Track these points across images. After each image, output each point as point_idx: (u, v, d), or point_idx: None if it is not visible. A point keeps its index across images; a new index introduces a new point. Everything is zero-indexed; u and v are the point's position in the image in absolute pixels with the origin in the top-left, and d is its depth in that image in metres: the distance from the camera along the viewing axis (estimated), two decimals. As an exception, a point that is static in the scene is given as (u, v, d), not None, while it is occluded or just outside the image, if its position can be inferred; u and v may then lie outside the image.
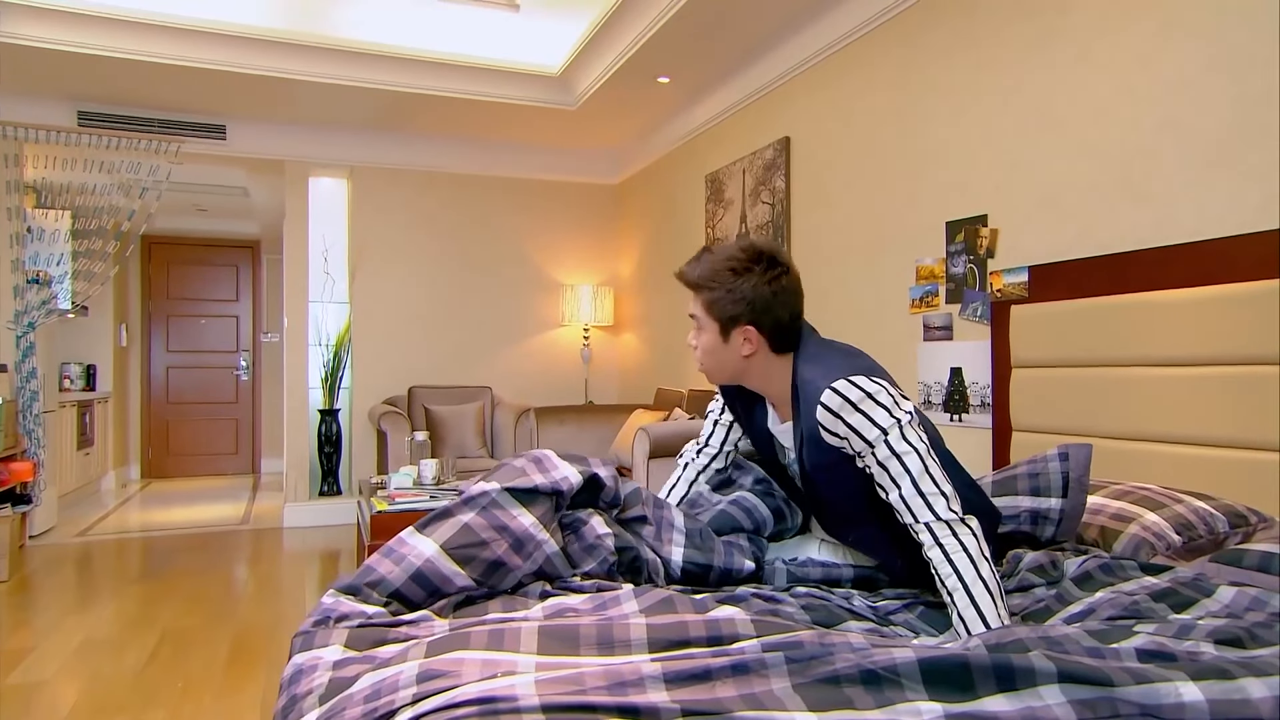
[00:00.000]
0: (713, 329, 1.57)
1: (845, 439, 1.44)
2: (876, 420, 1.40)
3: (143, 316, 7.83)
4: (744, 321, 1.53)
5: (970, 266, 2.89)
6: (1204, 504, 1.86)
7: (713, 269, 1.55)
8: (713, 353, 1.59)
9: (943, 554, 1.36)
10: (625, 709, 0.91)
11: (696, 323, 1.60)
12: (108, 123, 4.88)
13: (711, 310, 1.56)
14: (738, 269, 1.53)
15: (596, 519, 1.52)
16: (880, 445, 1.40)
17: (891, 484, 1.41)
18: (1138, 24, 2.35)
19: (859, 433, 1.42)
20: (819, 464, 1.52)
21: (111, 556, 4.52)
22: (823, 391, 1.44)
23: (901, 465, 1.39)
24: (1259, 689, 0.94)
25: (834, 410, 1.42)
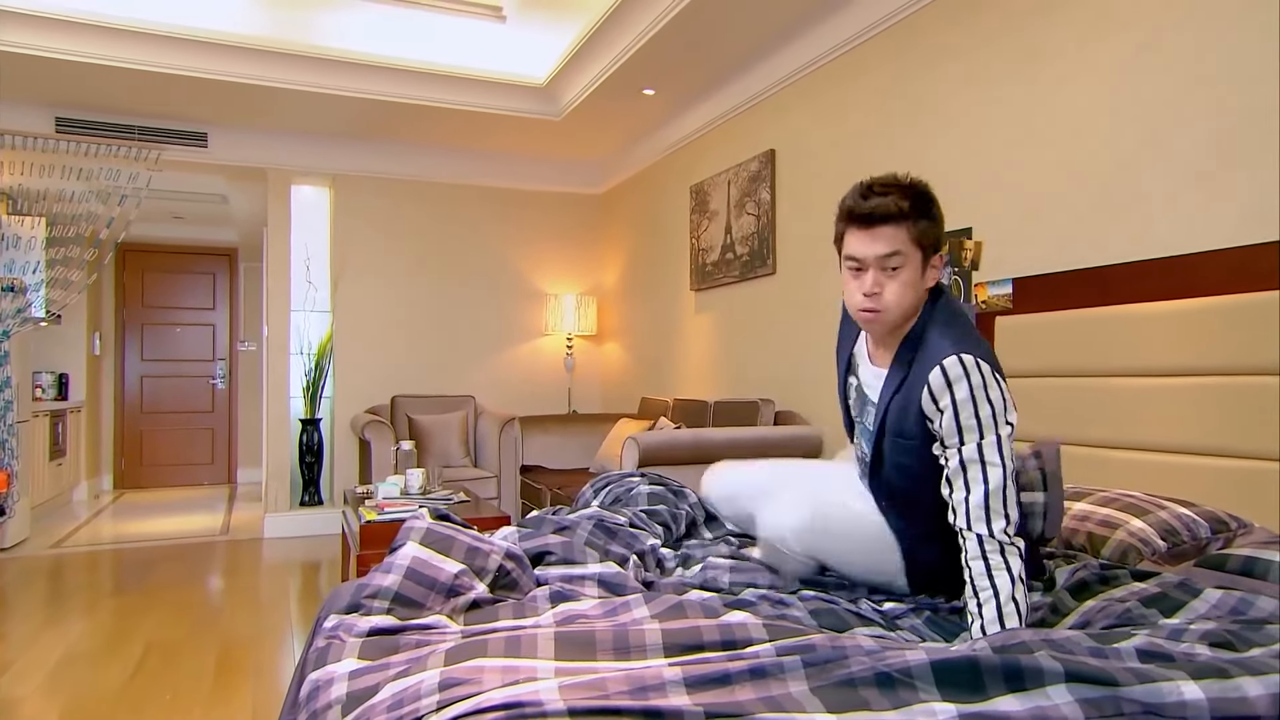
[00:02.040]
0: (916, 261, 1.45)
1: (942, 412, 1.39)
2: (981, 415, 1.36)
3: (116, 325, 7.71)
4: (940, 249, 1.48)
5: (955, 278, 2.95)
6: (1186, 510, 1.92)
7: (913, 196, 1.45)
8: (912, 288, 1.45)
9: (985, 567, 1.34)
10: (650, 712, 0.93)
11: (890, 261, 1.44)
12: (86, 129, 4.82)
13: (924, 239, 1.45)
14: (930, 195, 1.47)
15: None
16: (972, 441, 1.36)
17: (963, 485, 1.37)
18: (1118, 43, 2.42)
19: (959, 416, 1.37)
20: (904, 424, 1.47)
21: (88, 568, 4.44)
22: (949, 355, 1.38)
23: (983, 473, 1.36)
24: (1255, 687, 0.98)
25: (950, 379, 1.37)
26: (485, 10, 4.05)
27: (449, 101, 4.78)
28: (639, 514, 1.87)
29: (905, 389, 1.47)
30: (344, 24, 4.17)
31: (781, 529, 1.44)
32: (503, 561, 1.45)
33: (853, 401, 1.68)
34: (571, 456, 5.13)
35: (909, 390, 1.46)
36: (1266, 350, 1.95)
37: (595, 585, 1.48)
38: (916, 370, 1.45)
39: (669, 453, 3.42)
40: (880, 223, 1.44)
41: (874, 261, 1.46)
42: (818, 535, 1.45)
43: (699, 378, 4.87)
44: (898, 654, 1.03)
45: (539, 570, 1.55)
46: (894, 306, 1.46)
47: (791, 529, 1.43)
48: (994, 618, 1.32)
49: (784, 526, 1.44)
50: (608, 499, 2.11)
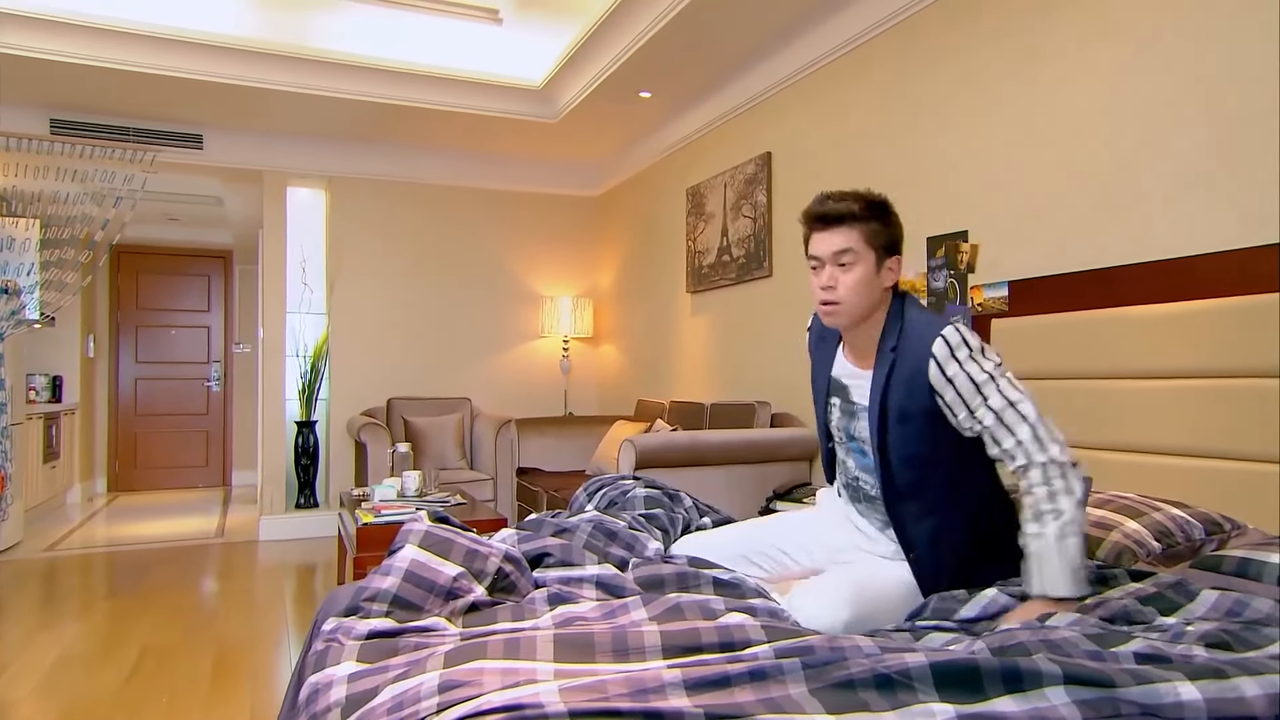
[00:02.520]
0: (869, 260, 1.60)
1: (951, 380, 1.52)
2: (987, 369, 1.51)
3: (111, 327, 7.69)
4: (895, 252, 1.63)
5: (951, 281, 2.96)
6: (1180, 512, 1.92)
7: (866, 202, 1.61)
8: (866, 284, 1.60)
9: (1048, 491, 1.46)
10: (650, 714, 0.93)
11: (845, 258, 1.60)
12: (81, 131, 4.81)
13: (874, 240, 1.60)
14: (885, 203, 1.63)
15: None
16: (993, 393, 1.49)
17: (1007, 432, 1.49)
18: (1117, 46, 2.43)
19: (973, 377, 1.51)
20: (902, 413, 1.57)
21: (82, 571, 4.43)
22: (942, 327, 1.53)
23: (1017, 412, 1.49)
24: (1252, 688, 0.99)
25: (952, 347, 1.51)
26: (481, 12, 4.06)
27: (445, 104, 4.79)
28: (638, 517, 1.87)
29: (898, 371, 1.59)
30: (340, 26, 4.17)
31: (834, 623, 1.44)
32: (501, 564, 1.45)
33: (836, 423, 1.77)
34: (568, 459, 5.13)
35: (905, 370, 1.57)
36: (1265, 353, 1.96)
37: (593, 587, 1.48)
38: (905, 350, 1.58)
39: (666, 455, 3.43)
40: (835, 223, 1.61)
41: (829, 258, 1.62)
42: (864, 619, 1.48)
43: (695, 380, 4.88)
44: (896, 656, 1.03)
45: (537, 572, 1.55)
46: (849, 299, 1.61)
47: (845, 623, 1.44)
48: (1057, 534, 1.42)
49: (835, 623, 1.44)
50: (602, 502, 2.11)
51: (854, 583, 1.55)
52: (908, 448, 1.60)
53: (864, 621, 1.47)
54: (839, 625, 1.44)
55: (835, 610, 1.45)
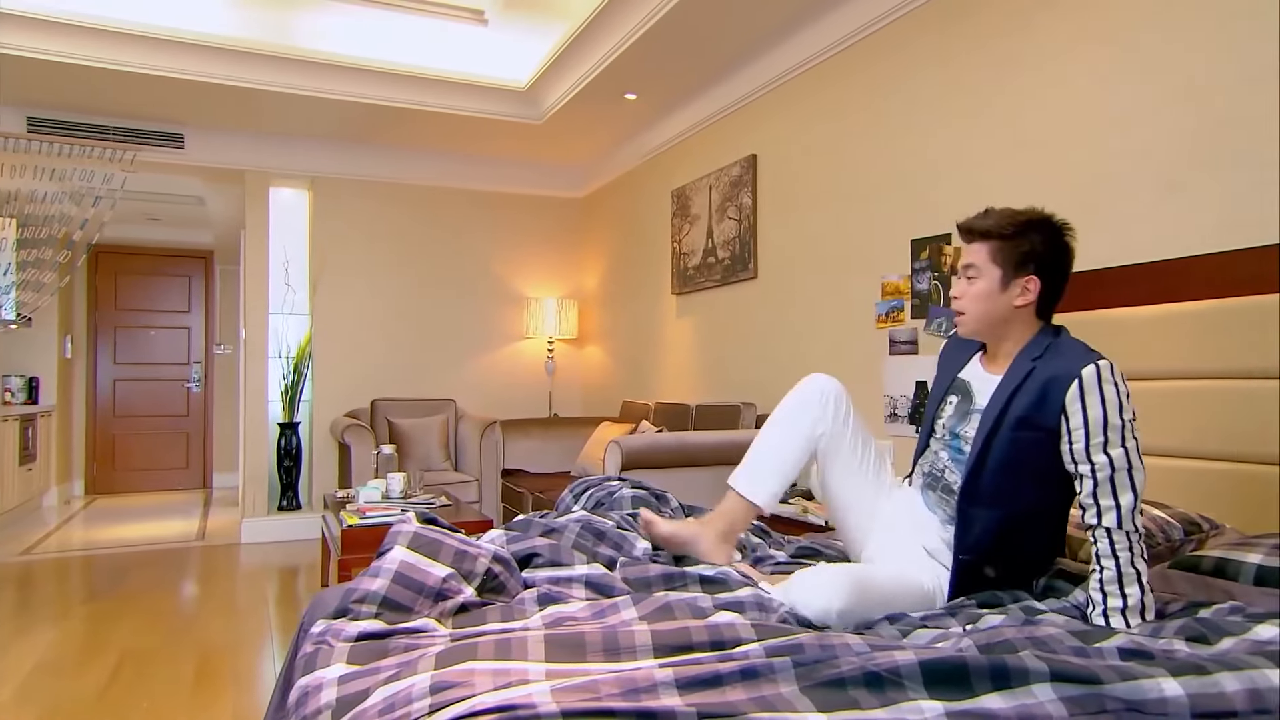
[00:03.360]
0: (994, 276, 1.63)
1: (1087, 410, 1.50)
2: (1125, 419, 1.50)
3: (89, 327, 7.59)
4: (1030, 271, 1.62)
5: (935, 283, 2.99)
6: (1160, 512, 1.95)
7: (1005, 219, 1.63)
8: (986, 299, 1.64)
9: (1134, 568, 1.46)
10: (643, 713, 0.94)
11: (970, 272, 1.65)
12: (59, 129, 4.75)
13: (1000, 256, 1.63)
14: (1034, 223, 1.63)
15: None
16: (1119, 445, 1.48)
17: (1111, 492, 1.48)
18: (1099, 52, 2.47)
19: (1108, 415, 1.49)
20: (1024, 419, 1.56)
21: (59, 576, 4.37)
22: (1095, 361, 1.52)
23: (1130, 479, 1.49)
24: (1232, 683, 1.01)
25: (1101, 380, 1.50)
26: (467, 13, 4.05)
27: (430, 104, 4.77)
28: (625, 517, 1.87)
29: (1033, 379, 1.58)
30: (324, 26, 4.14)
31: (827, 609, 1.43)
32: (490, 565, 1.45)
33: (945, 420, 1.76)
34: (553, 460, 5.13)
35: (1040, 379, 1.56)
36: (1247, 355, 1.99)
37: (583, 587, 1.48)
38: (1049, 363, 1.57)
39: (651, 456, 3.43)
40: (971, 238, 1.68)
41: (962, 270, 1.69)
42: (862, 610, 1.47)
43: (680, 381, 4.89)
44: (886, 654, 1.04)
45: (526, 573, 1.55)
46: (970, 309, 1.67)
47: (839, 610, 1.43)
48: (1138, 600, 1.43)
49: (829, 609, 1.43)
50: (589, 503, 2.11)
51: (856, 578, 1.54)
52: (1009, 454, 1.59)
53: (862, 608, 1.47)
54: (832, 611, 1.43)
55: (829, 598, 1.44)
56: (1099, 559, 1.49)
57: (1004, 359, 1.68)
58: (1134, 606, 1.44)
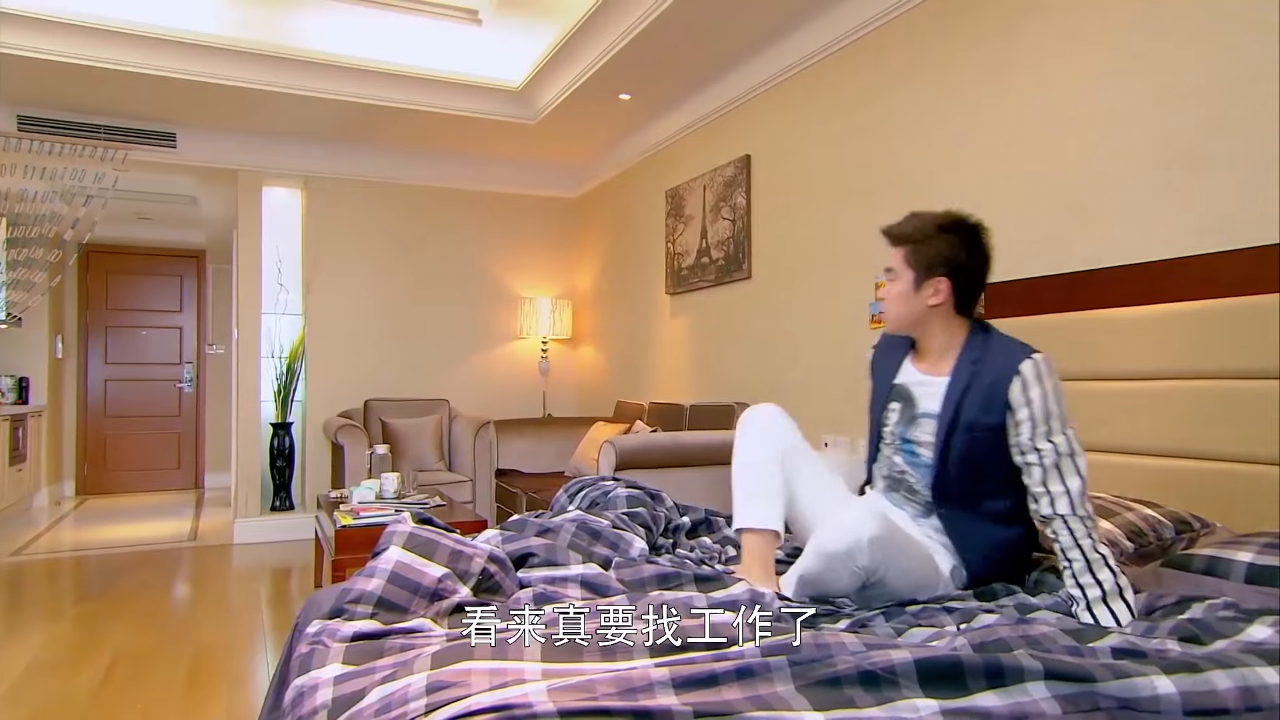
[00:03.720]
0: (908, 279, 1.72)
1: (1030, 403, 1.59)
2: (1063, 409, 1.60)
3: (79, 327, 7.55)
4: (940, 274, 1.70)
5: (928, 283, 2.99)
6: (1152, 511, 1.97)
7: (917, 226, 1.73)
8: (902, 300, 1.74)
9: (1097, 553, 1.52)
10: (639, 713, 0.94)
11: (890, 275, 1.76)
12: (50, 128, 4.72)
13: (912, 259, 1.72)
14: (948, 226, 1.73)
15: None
16: (1061, 433, 1.57)
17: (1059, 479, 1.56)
18: (1088, 55, 2.48)
19: (1050, 407, 1.58)
20: (971, 422, 1.65)
21: (50, 577, 4.35)
22: (1030, 355, 1.62)
23: (1075, 464, 1.57)
24: (1224, 680, 1.02)
25: (1041, 373, 1.60)
26: (461, 13, 4.04)
27: (424, 104, 4.76)
28: (620, 516, 1.88)
29: (977, 382, 1.66)
30: (317, 25, 4.13)
31: (860, 537, 1.45)
32: (486, 565, 1.45)
33: (892, 426, 1.82)
34: (547, 460, 5.12)
35: (984, 382, 1.65)
36: (1234, 355, 2.01)
37: (578, 587, 1.49)
38: (988, 365, 1.66)
39: (646, 456, 3.43)
40: (890, 242, 1.78)
41: (885, 272, 1.78)
42: (887, 550, 1.49)
43: (674, 381, 4.89)
44: (881, 653, 1.05)
45: (521, 573, 1.55)
46: (888, 309, 1.78)
47: (871, 537, 1.46)
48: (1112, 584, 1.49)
49: (862, 535, 1.45)
50: (584, 503, 2.12)
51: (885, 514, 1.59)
52: (968, 454, 1.66)
53: (888, 545, 1.50)
54: (864, 538, 1.46)
55: (863, 523, 1.47)
56: (1065, 553, 1.55)
57: (934, 356, 1.77)
58: (1111, 591, 1.49)
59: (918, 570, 1.60)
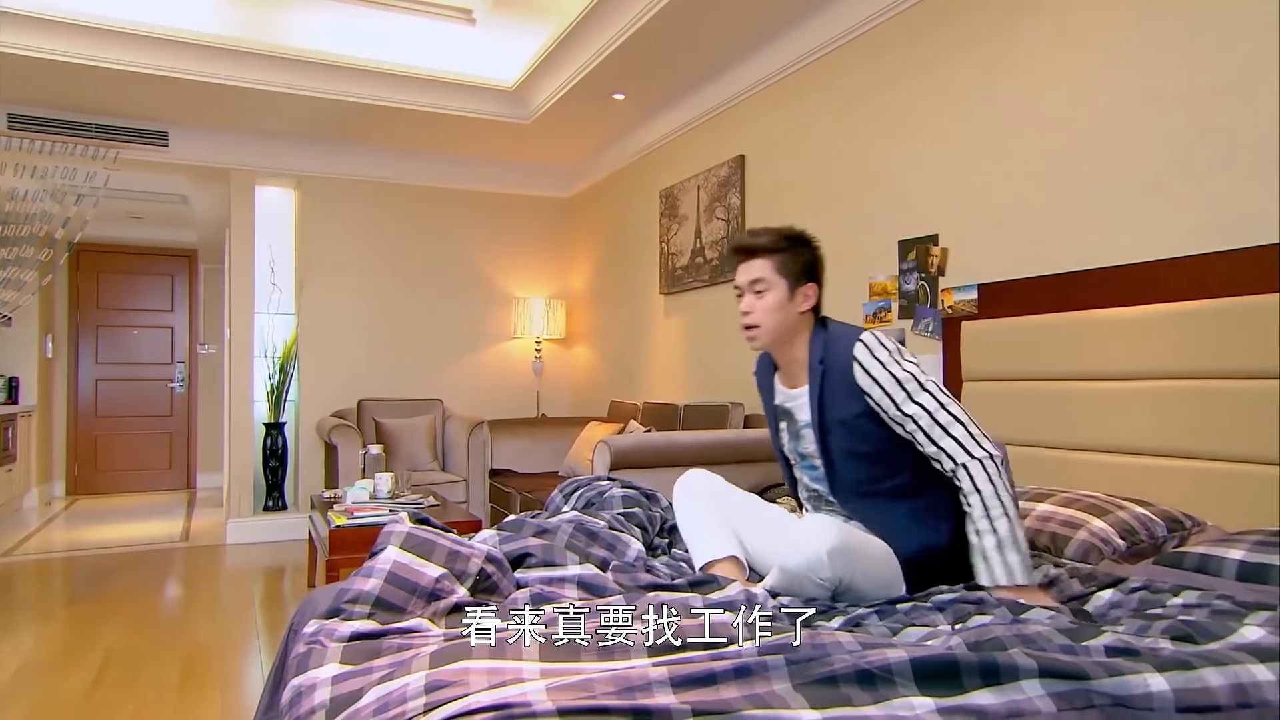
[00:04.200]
0: (781, 287, 1.75)
1: (877, 380, 1.63)
2: (910, 370, 1.63)
3: (70, 327, 7.51)
4: (807, 280, 1.77)
5: (922, 284, 3.01)
6: (1144, 510, 1.98)
7: (778, 236, 1.77)
8: (778, 309, 1.76)
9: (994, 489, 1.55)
10: (638, 711, 0.94)
11: (759, 286, 1.76)
12: (41, 127, 4.70)
13: (784, 268, 1.76)
14: (799, 237, 1.79)
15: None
16: (920, 393, 1.60)
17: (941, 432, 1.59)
18: (1078, 59, 2.50)
19: (897, 376, 1.62)
20: (841, 418, 1.69)
21: (41, 577, 4.33)
22: (859, 337, 1.67)
23: (948, 413, 1.60)
24: (1217, 678, 1.02)
25: (871, 349, 1.65)
26: (455, 13, 4.04)
27: (417, 103, 4.75)
28: (617, 516, 1.88)
29: (829, 380, 1.71)
30: (311, 24, 4.12)
31: (818, 552, 1.47)
32: (483, 565, 1.45)
33: (788, 446, 1.87)
34: (541, 460, 5.12)
35: (835, 378, 1.70)
36: (1225, 356, 2.02)
37: (575, 587, 1.49)
38: (832, 362, 1.71)
39: (640, 456, 3.43)
40: (749, 255, 1.79)
41: (746, 286, 1.79)
42: (848, 558, 1.51)
43: (669, 381, 4.89)
44: (878, 652, 1.05)
45: (519, 573, 1.55)
46: (764, 322, 1.77)
47: (829, 550, 1.47)
48: (1009, 527, 1.52)
49: (820, 549, 1.47)
50: (579, 503, 2.12)
51: (842, 525, 1.61)
52: (850, 447, 1.70)
53: (848, 554, 1.51)
54: (822, 551, 1.48)
55: (819, 538, 1.49)
56: (966, 499, 1.58)
57: (796, 366, 1.81)
58: (1006, 540, 1.51)
59: (884, 571, 1.61)
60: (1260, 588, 1.53)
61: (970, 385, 2.72)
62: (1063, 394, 2.41)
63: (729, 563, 1.73)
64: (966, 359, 2.73)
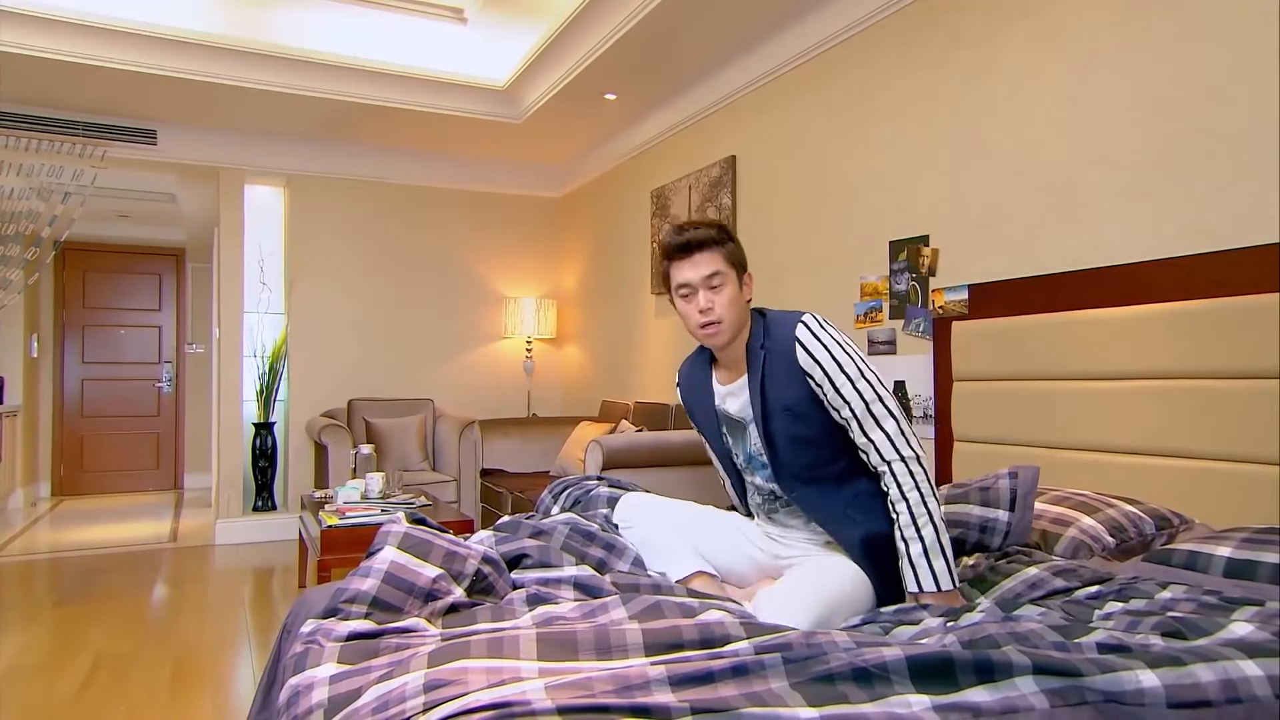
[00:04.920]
0: (734, 279, 1.71)
1: (819, 362, 1.62)
2: (852, 356, 1.63)
3: (56, 326, 7.45)
4: (744, 269, 1.75)
5: (913, 284, 3.03)
6: (1132, 508, 2.01)
7: (718, 228, 1.72)
8: (736, 302, 1.70)
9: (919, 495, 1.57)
10: (637, 709, 0.95)
11: (713, 280, 1.69)
12: (27, 124, 4.65)
13: (733, 259, 1.71)
14: (724, 227, 1.74)
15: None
16: (861, 381, 1.60)
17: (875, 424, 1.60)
18: (1066, 62, 2.52)
19: (838, 360, 1.61)
20: (784, 403, 1.66)
21: (26, 579, 4.29)
22: (801, 317, 1.65)
23: (885, 407, 1.60)
24: (1207, 674, 1.04)
25: (813, 331, 1.63)
26: (447, 12, 4.03)
27: (408, 102, 4.74)
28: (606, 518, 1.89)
29: (770, 364, 1.68)
30: (302, 22, 4.10)
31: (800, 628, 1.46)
32: (480, 566, 1.45)
33: (735, 451, 1.83)
34: (532, 460, 5.12)
35: (776, 362, 1.67)
36: (1210, 355, 2.05)
37: (571, 588, 1.49)
38: (773, 346, 1.68)
39: (631, 455, 3.45)
40: (698, 249, 1.70)
41: (701, 282, 1.70)
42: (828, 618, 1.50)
43: (660, 381, 4.90)
44: (874, 650, 1.06)
45: (515, 574, 1.56)
46: (727, 316, 1.70)
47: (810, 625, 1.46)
48: (934, 533, 1.55)
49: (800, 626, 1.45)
50: (568, 503, 2.13)
51: (814, 587, 1.58)
52: (793, 433, 1.68)
53: (829, 621, 1.51)
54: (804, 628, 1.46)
55: (801, 617, 1.46)
56: (893, 506, 1.59)
57: (736, 360, 1.76)
58: (932, 547, 1.53)
59: (861, 602, 1.61)
60: (1247, 583, 1.55)
61: (961, 385, 2.74)
62: (1052, 393, 2.44)
63: (702, 578, 1.72)
64: (957, 359, 2.75)
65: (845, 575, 1.64)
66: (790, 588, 1.58)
